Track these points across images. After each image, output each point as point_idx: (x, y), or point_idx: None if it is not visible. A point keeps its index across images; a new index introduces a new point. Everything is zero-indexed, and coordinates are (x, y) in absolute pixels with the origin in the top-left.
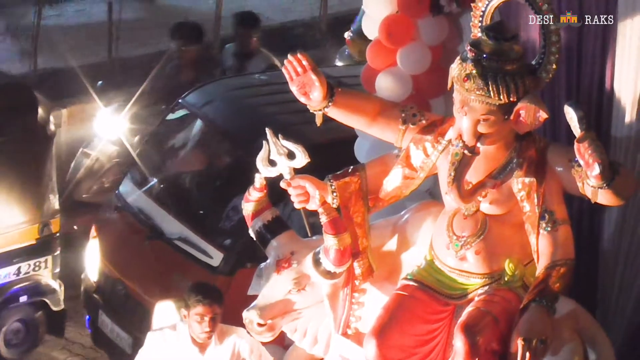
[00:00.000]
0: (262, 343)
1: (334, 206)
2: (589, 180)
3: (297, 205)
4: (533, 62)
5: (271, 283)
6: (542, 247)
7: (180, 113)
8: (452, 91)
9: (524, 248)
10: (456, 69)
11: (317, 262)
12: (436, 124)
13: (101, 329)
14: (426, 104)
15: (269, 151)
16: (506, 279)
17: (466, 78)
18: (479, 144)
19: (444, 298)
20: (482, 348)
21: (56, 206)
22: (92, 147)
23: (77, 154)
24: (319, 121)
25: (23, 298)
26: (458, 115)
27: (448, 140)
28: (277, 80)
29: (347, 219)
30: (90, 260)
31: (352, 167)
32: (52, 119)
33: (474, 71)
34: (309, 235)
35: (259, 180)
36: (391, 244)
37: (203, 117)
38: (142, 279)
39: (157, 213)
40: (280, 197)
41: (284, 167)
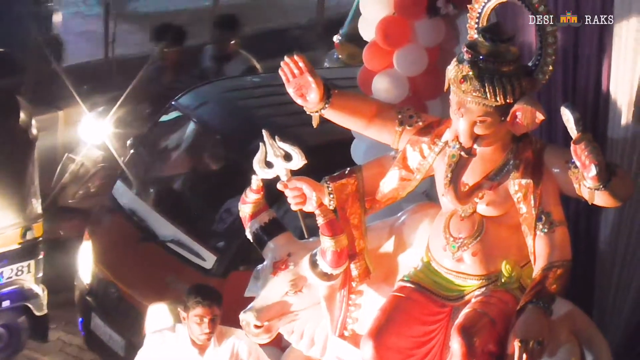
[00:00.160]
0: (259, 345)
1: (331, 208)
2: (586, 181)
3: (294, 206)
4: (529, 64)
5: (268, 285)
6: (539, 249)
7: (173, 115)
8: (449, 93)
9: (521, 249)
10: (453, 71)
11: (314, 264)
12: (433, 126)
13: (94, 332)
14: (423, 106)
15: (266, 153)
16: (503, 281)
17: (463, 80)
18: (476, 146)
19: (441, 300)
20: (479, 350)
21: (39, 210)
22: (77, 152)
23: (63, 159)
24: (316, 123)
25: (6, 303)
26: (454, 116)
27: (445, 141)
28: (271, 82)
29: (344, 221)
30: (83, 262)
31: (349, 169)
32: (34, 123)
33: (471, 73)
34: (306, 237)
35: (256, 182)
36: (388, 246)
37: (196, 119)
38: (135, 282)
39: (150, 215)
40: (273, 199)
41: (281, 169)
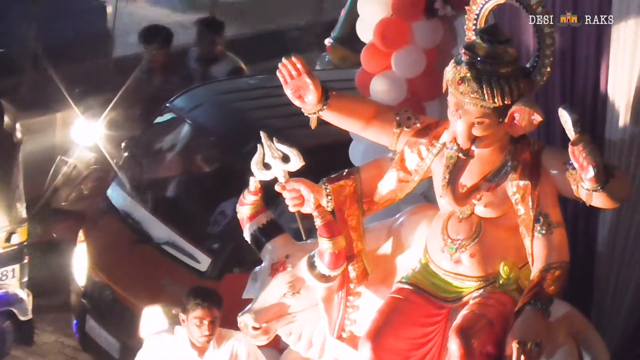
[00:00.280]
0: (257, 346)
1: (329, 209)
2: (584, 183)
3: (292, 208)
4: (527, 65)
5: (266, 286)
6: (537, 250)
7: (168, 117)
8: (447, 94)
9: (519, 251)
10: (450, 72)
11: (312, 266)
12: (431, 127)
13: (89, 334)
14: (421, 107)
15: (264, 154)
16: (501, 282)
17: (460, 81)
18: (474, 147)
19: (439, 301)
20: (477, 351)
21: (24, 214)
22: (70, 155)
23: (56, 162)
24: (314, 124)
25: None
26: (452, 118)
27: (443, 143)
28: (266, 84)
29: (342, 222)
30: (77, 265)
31: (347, 171)
32: (18, 127)
33: (469, 74)
34: (304, 238)
35: (254, 183)
36: (386, 247)
37: (191, 121)
38: (130, 284)
39: (145, 218)
40: (269, 200)
41: (279, 171)
